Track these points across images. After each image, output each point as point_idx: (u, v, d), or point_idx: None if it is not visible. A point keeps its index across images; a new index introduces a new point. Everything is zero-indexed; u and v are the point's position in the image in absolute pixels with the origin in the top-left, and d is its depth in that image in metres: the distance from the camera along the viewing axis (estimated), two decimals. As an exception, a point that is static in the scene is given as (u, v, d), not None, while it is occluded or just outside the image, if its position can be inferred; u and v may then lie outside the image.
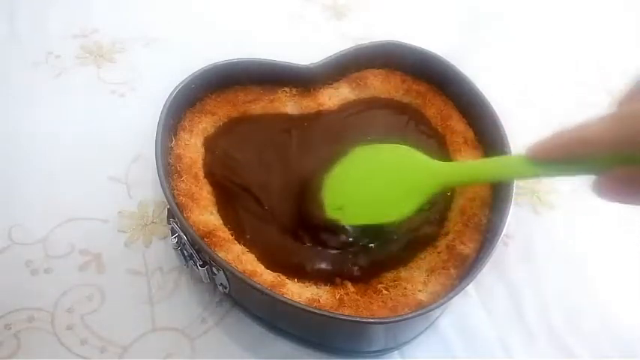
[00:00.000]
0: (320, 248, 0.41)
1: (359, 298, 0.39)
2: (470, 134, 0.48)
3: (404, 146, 0.38)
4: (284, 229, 0.42)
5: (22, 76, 0.57)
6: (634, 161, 0.24)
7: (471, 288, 0.44)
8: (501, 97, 0.46)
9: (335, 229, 0.41)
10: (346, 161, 0.40)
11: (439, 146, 0.48)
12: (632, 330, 0.43)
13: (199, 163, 0.45)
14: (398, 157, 0.38)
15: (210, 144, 0.47)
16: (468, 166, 0.35)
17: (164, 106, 0.44)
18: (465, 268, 0.40)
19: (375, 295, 0.39)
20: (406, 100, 0.51)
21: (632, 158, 0.24)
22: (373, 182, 0.39)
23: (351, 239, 0.41)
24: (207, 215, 0.42)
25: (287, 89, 0.50)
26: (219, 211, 0.43)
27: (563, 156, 0.27)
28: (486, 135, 0.47)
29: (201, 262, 0.40)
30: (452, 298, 0.36)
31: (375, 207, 0.38)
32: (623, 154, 0.24)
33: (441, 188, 0.36)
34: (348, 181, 0.40)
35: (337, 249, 0.41)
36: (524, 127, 0.44)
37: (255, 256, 0.40)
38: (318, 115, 0.49)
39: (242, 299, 0.42)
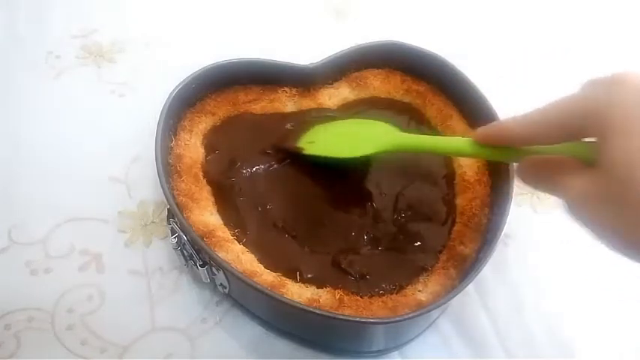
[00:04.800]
0: (320, 252, 0.41)
1: (359, 298, 0.38)
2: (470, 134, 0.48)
3: (380, 121, 0.44)
4: (284, 229, 0.42)
5: (22, 76, 0.57)
6: (537, 153, 0.31)
7: (470, 288, 0.44)
8: (501, 97, 0.46)
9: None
10: (327, 124, 0.47)
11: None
12: (631, 330, 0.43)
13: (199, 163, 0.45)
14: (369, 123, 0.45)
15: (210, 144, 0.47)
16: (421, 138, 0.40)
17: (164, 106, 0.44)
18: (465, 268, 0.40)
19: (375, 295, 0.39)
20: (406, 100, 0.51)
21: (535, 151, 0.32)
22: (344, 131, 0.46)
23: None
24: (207, 215, 0.42)
25: (287, 89, 0.50)
26: (219, 211, 0.43)
27: (494, 141, 0.33)
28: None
29: (201, 262, 0.40)
30: (452, 298, 0.36)
31: (338, 145, 0.44)
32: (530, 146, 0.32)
33: (393, 147, 0.41)
34: (325, 131, 0.46)
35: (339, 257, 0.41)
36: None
37: (255, 257, 0.40)
38: (318, 115, 0.49)
39: (242, 299, 0.42)
